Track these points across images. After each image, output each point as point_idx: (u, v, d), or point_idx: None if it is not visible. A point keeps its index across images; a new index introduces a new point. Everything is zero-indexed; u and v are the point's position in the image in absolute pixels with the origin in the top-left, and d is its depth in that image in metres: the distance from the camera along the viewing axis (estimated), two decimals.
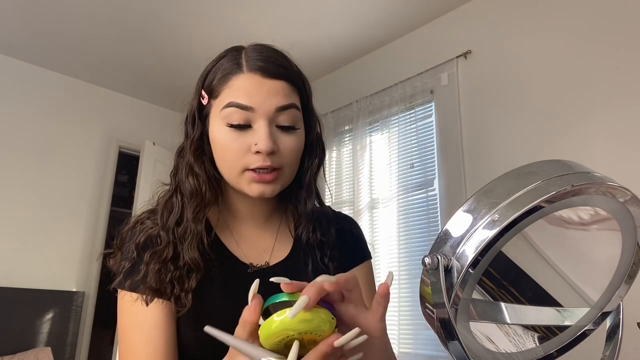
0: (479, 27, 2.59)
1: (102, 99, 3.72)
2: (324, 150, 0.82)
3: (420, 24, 2.89)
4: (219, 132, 0.70)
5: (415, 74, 2.78)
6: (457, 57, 2.61)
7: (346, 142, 3.22)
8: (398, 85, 2.86)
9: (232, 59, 0.72)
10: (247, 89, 0.68)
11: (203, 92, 0.73)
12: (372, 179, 2.91)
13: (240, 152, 0.68)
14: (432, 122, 2.71)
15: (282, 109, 0.69)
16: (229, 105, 0.68)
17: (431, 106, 2.74)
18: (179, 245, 0.71)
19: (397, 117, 2.85)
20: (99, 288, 3.41)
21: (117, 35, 3.06)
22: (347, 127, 3.21)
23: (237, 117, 0.68)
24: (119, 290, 0.70)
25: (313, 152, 0.79)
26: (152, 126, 3.89)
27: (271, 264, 0.76)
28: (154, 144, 3.67)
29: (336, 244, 0.82)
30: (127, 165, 4.11)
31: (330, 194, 0.84)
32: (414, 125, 2.78)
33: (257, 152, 0.67)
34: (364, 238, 0.88)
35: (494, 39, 2.51)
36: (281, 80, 0.70)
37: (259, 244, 0.78)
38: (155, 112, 4.01)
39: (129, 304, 0.68)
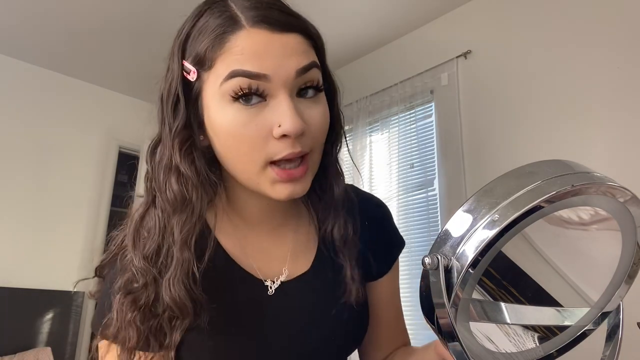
0: (479, 27, 2.59)
1: (102, 99, 3.72)
2: (343, 122, 0.64)
3: (420, 24, 2.89)
4: (222, 116, 0.52)
5: (415, 74, 2.78)
6: (457, 57, 2.61)
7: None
8: (398, 85, 2.86)
9: (220, 13, 0.53)
10: (254, 49, 0.50)
11: (187, 65, 0.54)
12: (372, 179, 2.91)
13: (257, 139, 0.50)
14: (432, 122, 2.71)
15: (304, 70, 0.51)
16: (233, 74, 0.50)
17: (431, 106, 2.73)
18: (160, 282, 0.52)
19: (397, 117, 2.85)
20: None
21: (117, 35, 3.06)
22: (347, 127, 3.21)
23: (247, 90, 0.50)
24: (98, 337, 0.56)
25: (336, 126, 0.61)
26: (152, 126, 3.88)
27: (292, 276, 0.61)
28: None
29: (369, 239, 0.67)
30: (127, 165, 4.11)
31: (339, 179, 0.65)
32: (414, 125, 2.78)
33: (283, 135, 0.50)
34: (395, 229, 0.73)
35: (494, 39, 2.51)
36: (295, 32, 0.52)
37: (275, 251, 0.63)
38: (155, 112, 4.00)
39: (103, 353, 0.55)
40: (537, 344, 0.48)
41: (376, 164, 2.92)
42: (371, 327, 0.67)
